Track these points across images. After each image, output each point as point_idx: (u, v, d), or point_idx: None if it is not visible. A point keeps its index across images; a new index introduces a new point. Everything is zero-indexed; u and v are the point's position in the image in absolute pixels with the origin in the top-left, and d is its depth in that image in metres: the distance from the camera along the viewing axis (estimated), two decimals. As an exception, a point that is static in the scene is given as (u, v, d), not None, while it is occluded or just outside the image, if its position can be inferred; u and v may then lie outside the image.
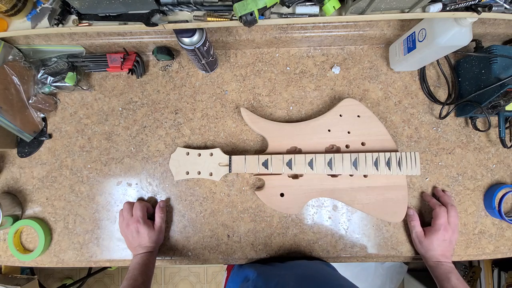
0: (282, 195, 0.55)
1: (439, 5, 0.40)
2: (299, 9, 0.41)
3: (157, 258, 0.56)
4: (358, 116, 0.57)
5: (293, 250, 0.58)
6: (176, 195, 0.60)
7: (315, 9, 0.41)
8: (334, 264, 0.61)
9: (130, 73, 0.62)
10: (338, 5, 0.40)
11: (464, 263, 1.11)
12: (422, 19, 0.51)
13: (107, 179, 0.61)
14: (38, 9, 0.43)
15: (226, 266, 0.81)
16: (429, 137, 0.61)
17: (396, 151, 0.56)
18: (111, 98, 0.63)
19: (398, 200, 0.55)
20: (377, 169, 0.54)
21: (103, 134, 0.62)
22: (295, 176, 0.56)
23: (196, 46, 0.48)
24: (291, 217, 0.59)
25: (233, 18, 0.41)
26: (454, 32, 0.45)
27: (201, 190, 0.60)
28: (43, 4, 0.42)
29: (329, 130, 0.56)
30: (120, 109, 0.62)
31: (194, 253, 0.58)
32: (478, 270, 1.05)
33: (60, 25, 0.42)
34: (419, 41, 0.51)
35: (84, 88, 0.61)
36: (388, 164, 0.54)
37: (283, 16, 0.42)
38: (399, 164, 0.54)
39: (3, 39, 0.55)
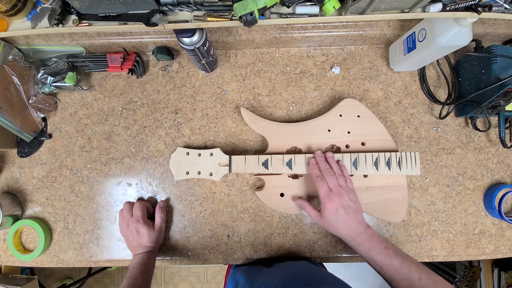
0: (282, 195, 0.55)
1: (439, 5, 0.40)
2: (299, 9, 0.41)
3: (157, 258, 0.56)
4: (358, 116, 0.57)
5: (293, 250, 0.58)
6: (176, 195, 0.60)
7: (315, 9, 0.41)
8: (334, 264, 0.61)
9: (130, 73, 0.62)
10: (338, 5, 0.39)
11: (464, 263, 1.11)
12: (422, 19, 0.51)
13: (107, 179, 0.61)
14: (38, 9, 0.43)
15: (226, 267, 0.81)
16: (429, 137, 0.61)
17: (396, 151, 0.56)
18: (111, 98, 0.63)
19: (398, 200, 0.55)
20: (377, 169, 0.54)
21: (103, 134, 0.62)
22: (295, 176, 0.56)
23: (196, 46, 0.48)
24: (291, 217, 0.59)
25: (233, 18, 0.41)
26: (454, 32, 0.45)
27: (201, 190, 0.60)
28: (43, 4, 0.42)
29: (329, 130, 0.56)
30: (120, 109, 0.62)
31: (194, 253, 0.58)
32: (478, 270, 1.05)
33: (60, 25, 0.42)
34: (419, 41, 0.51)
35: (84, 88, 0.61)
36: (388, 164, 0.54)
37: (283, 16, 0.42)
38: (399, 164, 0.54)
39: (3, 39, 0.55)
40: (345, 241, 0.49)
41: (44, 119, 0.63)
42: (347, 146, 0.56)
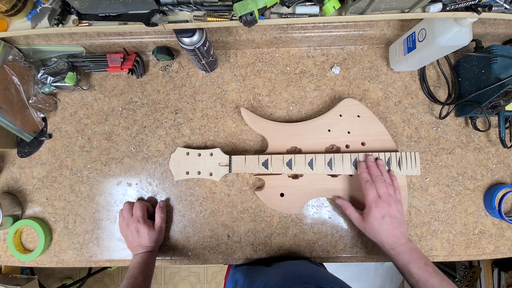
0: (282, 195, 0.55)
1: (439, 5, 0.40)
2: (299, 9, 0.41)
3: (157, 258, 0.56)
4: (358, 116, 0.57)
5: (293, 250, 0.58)
6: (176, 195, 0.60)
7: (315, 9, 0.41)
8: (334, 264, 0.61)
9: (130, 73, 0.62)
10: (338, 5, 0.40)
11: (464, 263, 1.11)
12: (422, 19, 0.51)
13: (107, 179, 0.61)
14: (38, 9, 0.43)
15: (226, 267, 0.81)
16: (429, 137, 0.61)
17: (396, 151, 0.56)
18: (111, 98, 0.63)
19: (398, 200, 0.55)
20: (377, 169, 0.54)
21: (103, 134, 0.62)
22: (295, 176, 0.56)
23: (196, 46, 0.48)
24: (291, 217, 0.59)
25: (233, 18, 0.41)
26: (454, 32, 0.45)
27: (201, 190, 0.60)
28: (43, 4, 0.42)
29: (329, 130, 0.56)
30: (120, 109, 0.62)
31: (194, 253, 0.58)
32: (478, 270, 1.05)
33: (60, 25, 0.42)
34: (419, 41, 0.51)
35: (84, 88, 0.61)
36: (388, 164, 0.54)
37: (283, 16, 0.42)
38: (399, 164, 0.54)
39: (3, 39, 0.55)
40: (383, 248, 0.49)
41: (44, 119, 0.63)
42: (347, 146, 0.56)
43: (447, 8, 0.41)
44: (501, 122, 0.57)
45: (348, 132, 0.56)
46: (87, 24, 0.42)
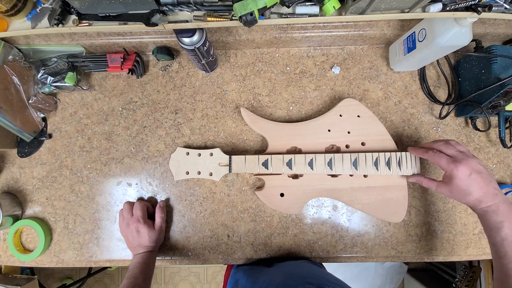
0: (282, 195, 0.55)
1: (439, 5, 0.40)
2: (299, 9, 0.41)
3: (157, 258, 0.56)
4: (358, 116, 0.57)
5: (293, 250, 0.58)
6: (176, 195, 0.60)
7: (315, 9, 0.41)
8: (334, 264, 0.61)
9: (130, 73, 0.62)
10: (338, 5, 0.40)
11: (464, 263, 1.11)
12: (422, 19, 0.51)
13: (107, 179, 0.61)
14: (38, 9, 0.43)
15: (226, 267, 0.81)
16: (429, 137, 0.61)
17: (396, 151, 0.56)
18: (111, 98, 0.63)
19: (398, 200, 0.55)
20: (377, 169, 0.54)
21: (103, 134, 0.62)
22: (295, 176, 0.56)
23: (196, 46, 0.48)
24: (291, 217, 0.59)
25: (233, 18, 0.41)
26: (454, 32, 0.45)
27: (201, 190, 0.60)
28: (43, 4, 0.42)
29: (329, 130, 0.56)
30: (120, 109, 0.62)
31: (194, 253, 0.58)
32: (478, 270, 1.05)
33: (60, 25, 0.42)
34: (419, 41, 0.51)
35: (84, 88, 0.61)
36: (388, 164, 0.54)
37: (283, 16, 0.42)
38: (399, 164, 0.54)
39: (3, 39, 0.55)
40: (473, 208, 0.45)
41: (44, 119, 0.63)
42: (347, 146, 0.56)
43: (447, 8, 0.41)
44: (501, 122, 0.57)
45: (348, 132, 0.56)
46: (87, 24, 0.42)
